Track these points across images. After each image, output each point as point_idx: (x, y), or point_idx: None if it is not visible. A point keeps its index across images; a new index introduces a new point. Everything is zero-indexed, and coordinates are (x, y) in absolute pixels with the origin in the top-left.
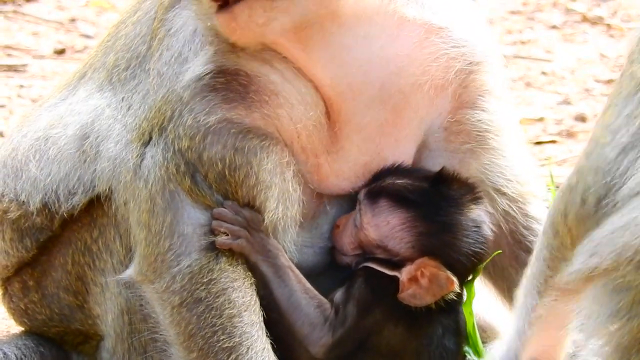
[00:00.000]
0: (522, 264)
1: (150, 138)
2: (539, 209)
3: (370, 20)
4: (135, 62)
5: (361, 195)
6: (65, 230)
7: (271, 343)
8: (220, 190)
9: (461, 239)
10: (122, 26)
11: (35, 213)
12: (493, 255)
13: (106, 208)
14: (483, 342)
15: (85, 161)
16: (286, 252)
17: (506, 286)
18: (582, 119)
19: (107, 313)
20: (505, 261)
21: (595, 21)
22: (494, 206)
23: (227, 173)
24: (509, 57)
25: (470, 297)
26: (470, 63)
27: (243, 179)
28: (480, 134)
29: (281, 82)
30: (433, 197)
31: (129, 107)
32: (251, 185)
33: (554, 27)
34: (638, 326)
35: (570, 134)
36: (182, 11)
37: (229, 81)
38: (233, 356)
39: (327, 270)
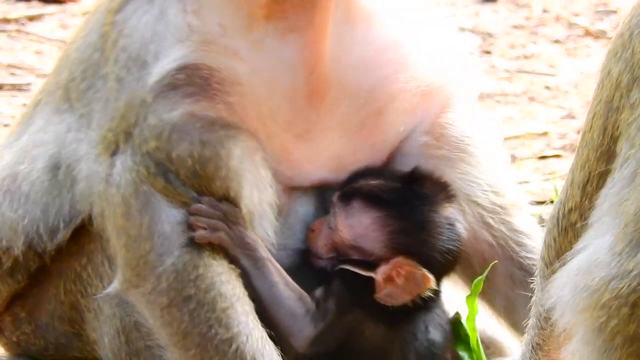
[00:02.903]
0: (517, 282)
1: (118, 147)
2: (524, 222)
3: (374, 21)
4: (91, 71)
5: (335, 198)
6: (54, 261)
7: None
8: (194, 186)
9: (435, 236)
10: (71, 46)
11: (21, 256)
12: (491, 265)
13: (91, 232)
14: (487, 358)
15: (61, 191)
16: (266, 240)
17: (502, 304)
18: None
19: (103, 337)
20: (499, 279)
21: (598, 35)
22: (465, 217)
23: (197, 168)
24: (512, 71)
25: (472, 312)
26: (458, 72)
27: (214, 172)
28: (460, 141)
29: (248, 73)
30: (406, 196)
31: (90, 122)
32: (223, 176)
33: (557, 41)
34: (619, 358)
35: (574, 148)
36: (133, 14)
37: (189, 76)
38: (234, 346)
39: (302, 273)
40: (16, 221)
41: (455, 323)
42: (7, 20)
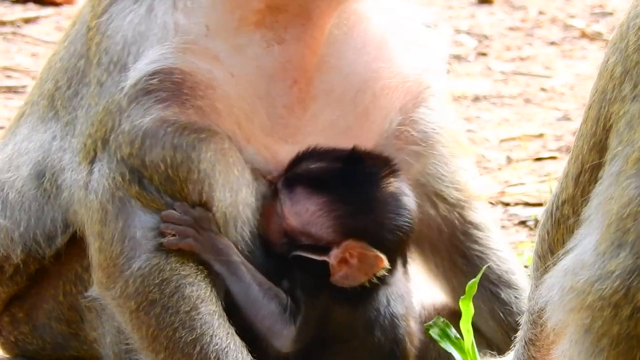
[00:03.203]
0: (460, 270)
1: (95, 154)
2: (478, 214)
3: (368, 25)
4: (76, 78)
5: (279, 184)
6: (53, 263)
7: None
8: (168, 192)
9: (383, 215)
10: (53, 57)
11: (21, 263)
12: (483, 269)
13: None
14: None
15: (49, 200)
16: (241, 241)
17: (449, 288)
18: None
19: (104, 336)
20: (445, 265)
21: (594, 37)
22: (435, 211)
23: (170, 172)
24: (508, 73)
25: (467, 315)
26: (434, 68)
27: (187, 175)
28: (431, 135)
29: (225, 78)
30: (349, 178)
31: (74, 129)
32: (195, 180)
33: (552, 43)
34: (606, 359)
35: (569, 150)
36: (117, 14)
37: (161, 81)
38: (198, 347)
39: (274, 261)
40: (11, 229)
41: (440, 326)
42: (2, 23)
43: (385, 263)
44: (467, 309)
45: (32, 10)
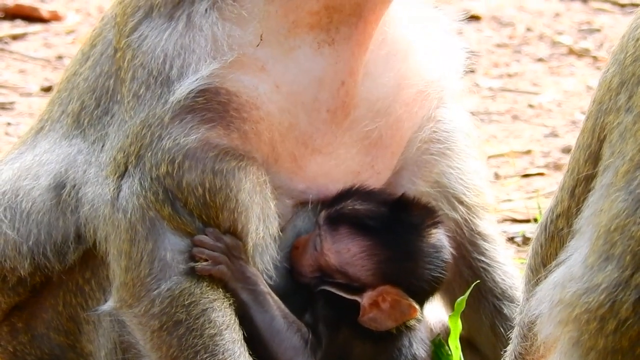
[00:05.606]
0: (464, 280)
1: (126, 169)
2: (487, 225)
3: (407, 34)
4: (105, 97)
5: (321, 219)
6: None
7: None
8: (201, 216)
9: (422, 265)
10: (74, 77)
11: (29, 276)
12: (472, 285)
13: (96, 251)
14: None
15: (64, 212)
16: (265, 273)
17: (449, 299)
18: (569, 151)
19: (99, 349)
20: (450, 275)
21: (582, 54)
22: (450, 215)
23: (207, 198)
24: (496, 90)
25: (456, 331)
26: (454, 71)
27: (223, 202)
28: (452, 134)
29: (270, 91)
30: (393, 224)
31: (103, 145)
32: (232, 208)
33: (540, 60)
34: None
35: (557, 167)
36: (151, 31)
37: (208, 100)
38: None
39: (297, 291)
40: (19, 242)
41: (437, 345)
42: None
43: (418, 313)
44: (456, 326)
45: (19, 26)
